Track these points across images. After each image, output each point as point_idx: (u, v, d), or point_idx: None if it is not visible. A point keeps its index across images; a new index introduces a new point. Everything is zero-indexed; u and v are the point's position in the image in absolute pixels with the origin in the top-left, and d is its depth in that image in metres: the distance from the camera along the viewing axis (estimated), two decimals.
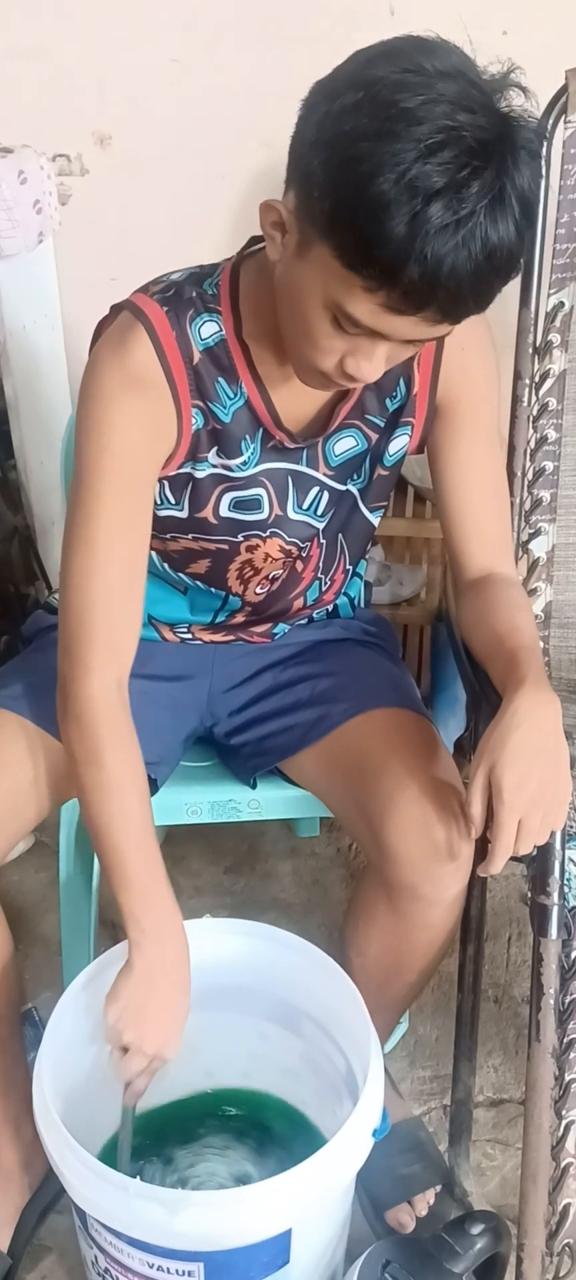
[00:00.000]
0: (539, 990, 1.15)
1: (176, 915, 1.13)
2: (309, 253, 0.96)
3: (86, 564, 1.10)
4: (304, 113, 0.96)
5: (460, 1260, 1.13)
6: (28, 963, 1.69)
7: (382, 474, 1.25)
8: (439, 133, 0.86)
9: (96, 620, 1.11)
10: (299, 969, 1.25)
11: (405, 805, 1.16)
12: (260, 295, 1.10)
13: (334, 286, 0.94)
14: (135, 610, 1.14)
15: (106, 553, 1.10)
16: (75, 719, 1.11)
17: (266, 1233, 1.03)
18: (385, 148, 0.86)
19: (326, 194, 0.91)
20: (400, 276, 0.89)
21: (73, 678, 1.11)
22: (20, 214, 1.69)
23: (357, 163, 0.87)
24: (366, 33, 1.68)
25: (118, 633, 1.13)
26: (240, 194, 1.83)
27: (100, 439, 1.09)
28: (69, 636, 1.12)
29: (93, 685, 1.11)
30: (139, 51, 1.73)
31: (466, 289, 0.91)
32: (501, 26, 1.70)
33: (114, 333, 1.11)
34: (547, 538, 1.51)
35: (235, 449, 1.17)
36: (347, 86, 0.90)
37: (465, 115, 0.87)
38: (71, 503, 1.12)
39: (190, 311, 1.11)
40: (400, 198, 0.86)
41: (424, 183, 0.85)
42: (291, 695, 1.34)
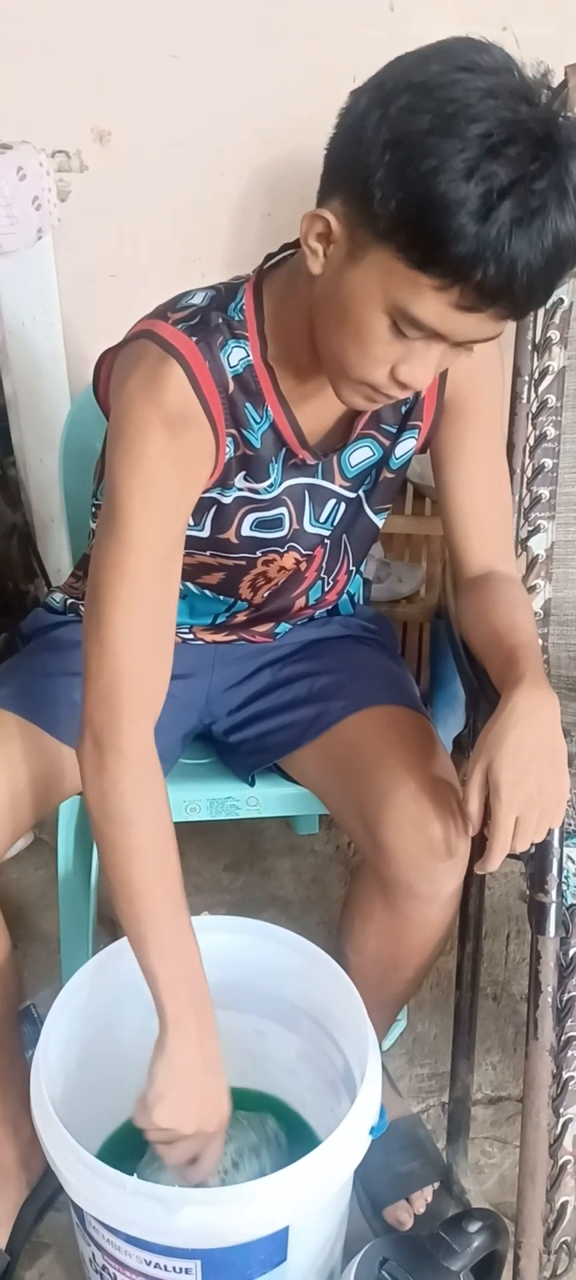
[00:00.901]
0: (537, 988, 1.15)
1: (204, 981, 1.09)
2: (364, 257, 0.95)
3: (128, 602, 1.05)
4: (348, 120, 0.95)
5: (457, 1258, 1.13)
6: (27, 960, 1.69)
7: (388, 477, 1.25)
8: (503, 126, 0.86)
9: (139, 665, 1.06)
10: (297, 967, 1.25)
11: (401, 802, 1.16)
12: (285, 315, 1.09)
13: (397, 288, 0.93)
14: (171, 650, 1.11)
15: (148, 589, 1.06)
16: (116, 775, 1.05)
17: (263, 1230, 1.03)
18: (451, 144, 0.86)
19: (391, 194, 0.90)
20: (474, 273, 0.89)
21: (114, 727, 1.05)
22: (19, 210, 1.68)
23: (424, 160, 0.87)
24: (366, 28, 1.71)
25: (157, 676, 1.09)
26: (240, 190, 1.82)
27: (141, 475, 1.05)
28: (108, 679, 1.05)
29: (137, 736, 1.06)
30: (138, 48, 1.73)
31: (538, 283, 0.91)
32: (501, 22, 1.70)
33: (144, 369, 1.06)
34: (547, 535, 1.51)
35: (263, 473, 1.16)
36: (403, 89, 0.89)
37: (526, 107, 0.87)
38: (107, 539, 1.06)
39: (219, 339, 1.08)
40: (472, 193, 0.86)
41: (495, 177, 0.86)
42: (290, 693, 1.34)
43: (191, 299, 1.12)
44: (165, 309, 1.12)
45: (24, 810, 1.23)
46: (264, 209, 1.83)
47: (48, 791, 1.24)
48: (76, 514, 1.55)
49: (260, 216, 1.83)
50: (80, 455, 1.52)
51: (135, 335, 1.11)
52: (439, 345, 0.97)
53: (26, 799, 1.22)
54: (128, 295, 1.84)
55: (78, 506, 1.54)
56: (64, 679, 1.25)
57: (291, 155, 1.79)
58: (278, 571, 1.26)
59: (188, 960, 1.08)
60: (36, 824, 1.30)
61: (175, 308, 1.11)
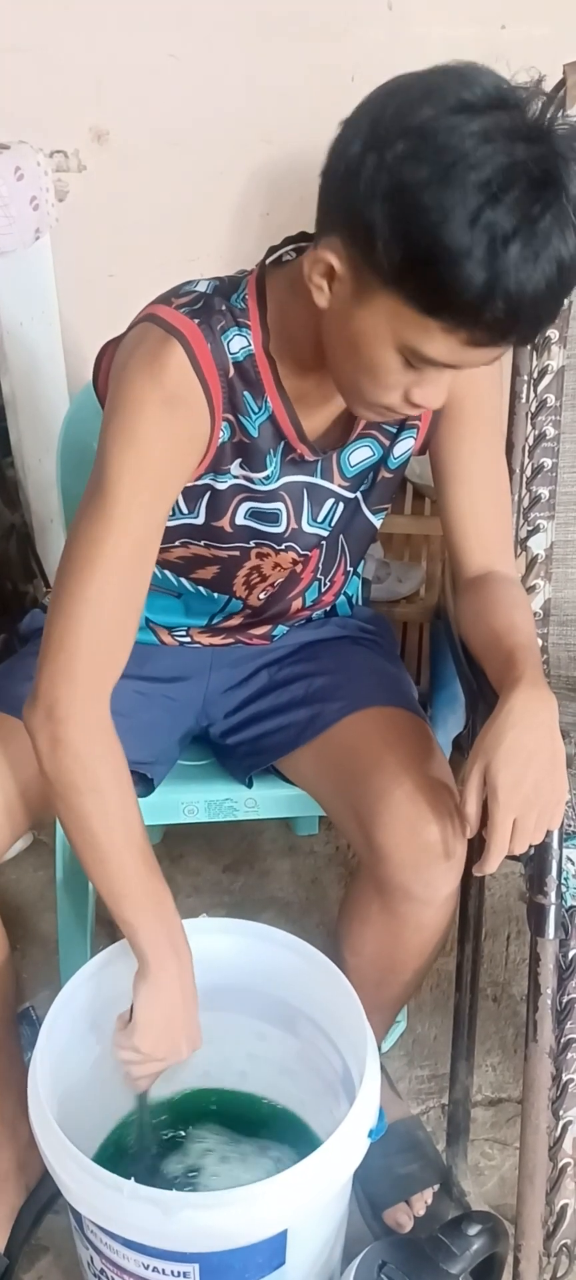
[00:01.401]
0: (536, 990, 1.15)
1: (179, 920, 1.15)
2: (372, 300, 0.96)
3: (102, 581, 1.06)
4: (341, 161, 0.95)
5: (457, 1261, 1.12)
6: (26, 961, 1.69)
7: (386, 476, 1.25)
8: (502, 171, 0.87)
9: (103, 642, 1.07)
10: (296, 969, 1.25)
11: (396, 805, 1.15)
12: (288, 313, 1.10)
13: (407, 331, 0.95)
14: (135, 630, 1.12)
15: (123, 572, 1.07)
16: (74, 746, 1.06)
17: (262, 1234, 1.03)
18: (452, 195, 0.87)
19: (394, 246, 0.91)
20: (482, 315, 0.91)
21: (71, 702, 1.06)
22: (17, 210, 1.68)
23: (426, 213, 0.88)
24: (364, 27, 1.71)
25: (119, 655, 1.10)
26: (238, 190, 1.82)
27: (133, 456, 1.05)
28: (69, 655, 1.06)
29: (94, 709, 1.07)
30: (137, 47, 1.72)
31: (545, 312, 0.94)
32: (499, 21, 1.69)
33: (146, 349, 1.06)
34: (546, 534, 1.51)
35: (260, 463, 1.16)
36: (398, 134, 0.90)
37: (523, 146, 0.88)
38: (90, 512, 1.07)
39: (221, 323, 1.09)
40: (477, 242, 0.87)
41: (498, 225, 0.87)
42: (286, 694, 1.34)
43: (195, 286, 1.13)
44: (168, 295, 1.12)
45: (23, 812, 1.23)
46: (262, 208, 1.82)
47: (45, 795, 1.23)
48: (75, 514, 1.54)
49: (259, 216, 1.83)
50: (78, 455, 1.52)
51: (138, 320, 1.12)
52: (450, 370, 1.00)
53: (26, 801, 1.22)
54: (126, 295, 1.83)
55: (75, 507, 1.52)
56: None
57: (290, 154, 1.79)
58: (272, 569, 1.26)
59: (161, 906, 1.12)
60: (35, 825, 1.29)
61: (178, 293, 1.12)
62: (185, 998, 1.14)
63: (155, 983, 1.11)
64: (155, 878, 1.12)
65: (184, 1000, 1.14)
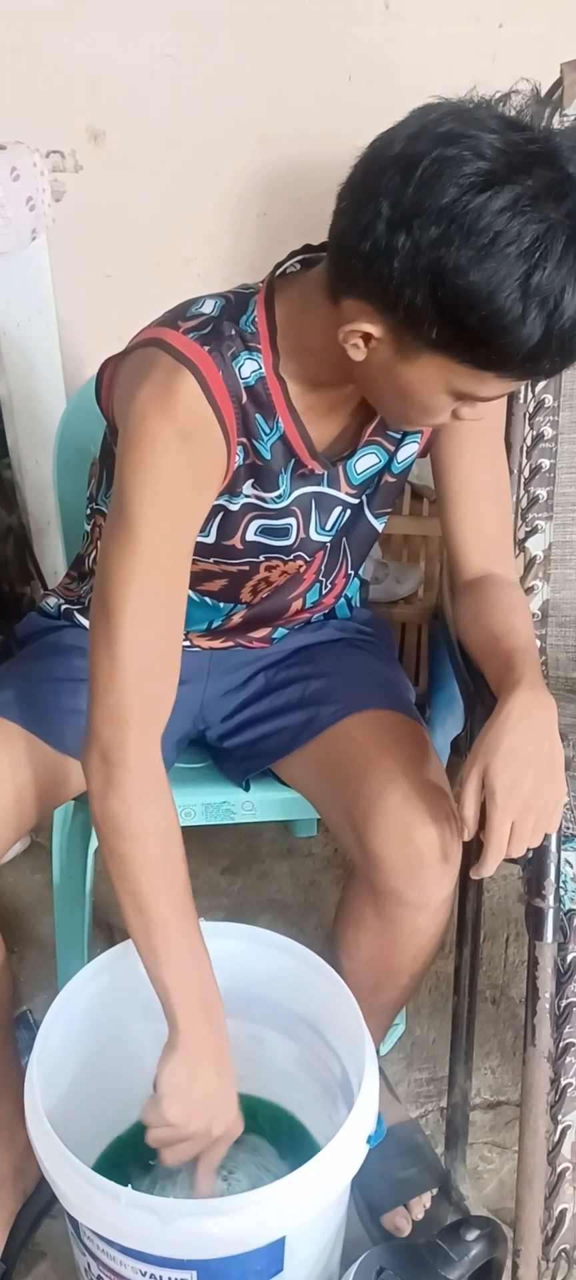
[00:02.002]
0: (534, 994, 1.14)
1: (216, 985, 1.10)
2: (418, 359, 0.98)
3: (139, 616, 1.04)
4: (364, 235, 0.93)
5: (455, 1267, 1.12)
6: (23, 965, 1.69)
7: (390, 481, 1.25)
8: (539, 237, 0.88)
9: (149, 678, 1.06)
10: (294, 973, 1.24)
11: (389, 810, 1.15)
12: (299, 331, 1.10)
13: (459, 380, 0.98)
14: (179, 662, 1.10)
15: (159, 603, 1.06)
16: (126, 791, 1.05)
17: (260, 1241, 1.02)
18: (498, 271, 0.89)
19: (443, 323, 0.93)
20: (541, 364, 0.95)
21: (123, 744, 1.05)
22: (13, 211, 1.67)
23: (472, 292, 0.90)
24: (362, 27, 1.70)
25: (165, 692, 1.08)
26: (235, 190, 1.82)
27: (153, 489, 1.04)
28: (117, 696, 1.05)
29: (146, 752, 1.06)
30: (133, 47, 1.72)
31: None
32: (497, 20, 1.69)
33: (156, 380, 1.05)
34: (544, 535, 1.50)
35: (272, 483, 1.16)
36: (424, 217, 0.90)
37: (552, 206, 0.89)
38: (116, 550, 1.05)
39: (232, 350, 1.08)
40: (530, 306, 0.90)
41: (548, 285, 0.89)
42: (283, 697, 1.33)
43: (201, 307, 1.11)
44: (174, 317, 1.10)
45: (21, 816, 1.22)
46: (259, 208, 1.82)
47: (42, 800, 1.23)
48: (72, 516, 1.54)
49: (256, 216, 1.82)
50: (75, 457, 1.52)
51: (143, 343, 1.10)
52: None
53: (20, 808, 1.21)
54: (123, 295, 1.84)
55: (73, 508, 1.53)
56: (68, 684, 1.25)
57: (287, 154, 1.79)
58: (280, 576, 1.26)
59: (198, 968, 1.08)
60: (33, 829, 1.29)
61: (185, 316, 1.10)
62: (218, 1065, 1.07)
63: (184, 1049, 1.05)
64: (193, 936, 1.08)
65: (216, 1068, 1.07)
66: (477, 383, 0.98)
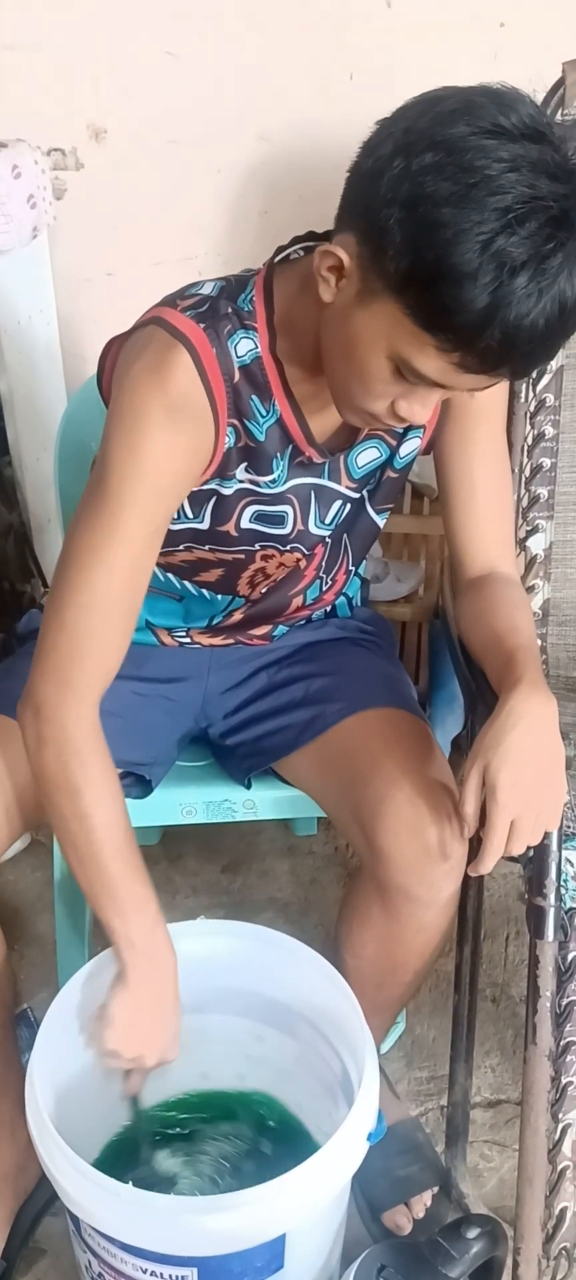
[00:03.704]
0: (535, 993, 1.14)
1: (164, 927, 1.13)
2: (373, 304, 0.96)
3: (96, 587, 1.06)
4: (370, 159, 0.94)
5: (456, 1265, 1.12)
6: (23, 963, 1.69)
7: (392, 476, 1.25)
8: (522, 202, 0.87)
9: (95, 646, 1.07)
10: (294, 971, 1.24)
11: (397, 807, 1.15)
12: (297, 311, 1.09)
13: (401, 341, 0.96)
14: (130, 635, 1.11)
15: (119, 578, 1.07)
16: (58, 746, 1.07)
17: (260, 1238, 1.03)
18: (469, 215, 0.87)
19: (402, 254, 0.91)
20: (478, 341, 0.92)
21: (58, 702, 1.07)
22: (14, 209, 1.67)
23: (440, 228, 0.88)
24: (363, 24, 1.70)
25: (111, 660, 1.09)
26: (236, 187, 1.81)
27: (135, 463, 1.05)
28: (60, 657, 1.07)
29: (82, 712, 1.07)
30: (134, 44, 1.72)
31: (540, 350, 0.94)
32: (498, 19, 1.69)
33: (151, 354, 1.06)
34: (545, 534, 1.50)
35: (267, 467, 1.16)
36: (426, 144, 0.90)
37: (546, 182, 0.88)
38: (89, 516, 1.07)
39: (228, 327, 1.08)
40: (485, 267, 0.88)
41: (509, 254, 0.88)
42: (286, 695, 1.33)
43: (200, 288, 1.12)
44: (174, 297, 1.12)
45: (21, 813, 1.22)
46: (261, 206, 1.82)
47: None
48: (72, 514, 1.54)
49: (257, 214, 1.82)
50: (76, 454, 1.52)
51: (144, 323, 1.11)
52: (438, 390, 1.00)
53: (24, 802, 1.22)
54: (124, 293, 1.83)
55: (74, 506, 1.50)
56: None
57: (288, 152, 1.78)
58: (277, 568, 1.25)
59: (143, 913, 1.11)
60: (33, 826, 1.29)
61: (184, 295, 1.11)
62: (158, 1005, 1.13)
63: (126, 986, 1.10)
64: (136, 882, 1.10)
65: (155, 1008, 1.13)
66: (417, 348, 0.95)
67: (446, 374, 0.96)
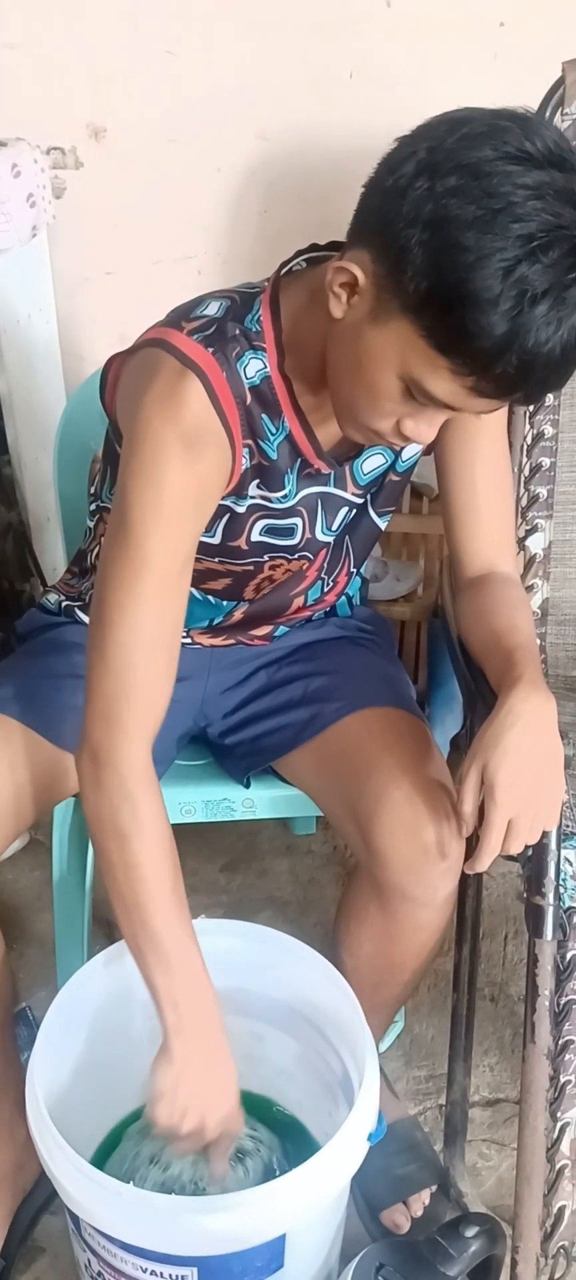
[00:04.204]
0: (534, 991, 1.14)
1: (212, 990, 1.10)
2: (387, 322, 0.96)
3: (133, 622, 1.05)
4: (391, 177, 0.94)
5: (454, 1263, 1.12)
6: (22, 962, 1.69)
7: (394, 479, 1.25)
8: (546, 230, 0.87)
9: (140, 682, 1.06)
10: (294, 970, 1.25)
11: (394, 806, 1.15)
12: (303, 327, 1.09)
13: (415, 362, 0.96)
14: (174, 669, 1.10)
15: (154, 611, 1.06)
16: (111, 792, 1.06)
17: (261, 1238, 1.03)
18: (491, 240, 0.87)
19: (422, 275, 0.91)
20: (495, 367, 0.92)
21: (111, 745, 1.05)
22: (13, 208, 1.67)
23: (462, 252, 0.88)
24: (363, 24, 1.70)
25: (157, 696, 1.08)
26: (235, 187, 1.81)
27: (155, 496, 1.04)
28: (107, 699, 1.06)
29: (133, 755, 1.06)
30: (133, 43, 1.72)
31: (555, 377, 0.95)
32: (498, 18, 1.69)
33: (162, 384, 1.05)
34: (544, 534, 1.50)
35: (278, 483, 1.16)
36: (451, 167, 0.89)
37: (570, 211, 0.89)
38: (116, 554, 1.06)
39: (236, 349, 1.08)
40: (506, 294, 0.88)
41: (531, 282, 0.88)
42: (285, 694, 1.33)
43: (206, 309, 1.11)
44: (178, 318, 1.10)
45: (21, 813, 1.22)
46: (260, 206, 1.82)
47: (41, 796, 1.23)
48: (72, 513, 1.54)
49: (257, 213, 1.82)
50: (75, 454, 1.52)
51: (148, 343, 1.10)
52: (447, 411, 1.00)
53: (20, 804, 1.21)
54: (123, 293, 1.84)
55: (73, 505, 1.53)
56: (68, 681, 1.25)
57: (288, 152, 1.78)
58: (283, 575, 1.26)
59: (187, 970, 1.08)
60: (32, 826, 1.29)
61: (189, 317, 1.10)
62: (209, 1066, 1.08)
63: (171, 1052, 1.06)
64: (181, 937, 1.07)
65: (207, 1069, 1.08)
66: (431, 370, 0.95)
67: (458, 397, 0.96)
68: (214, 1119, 1.08)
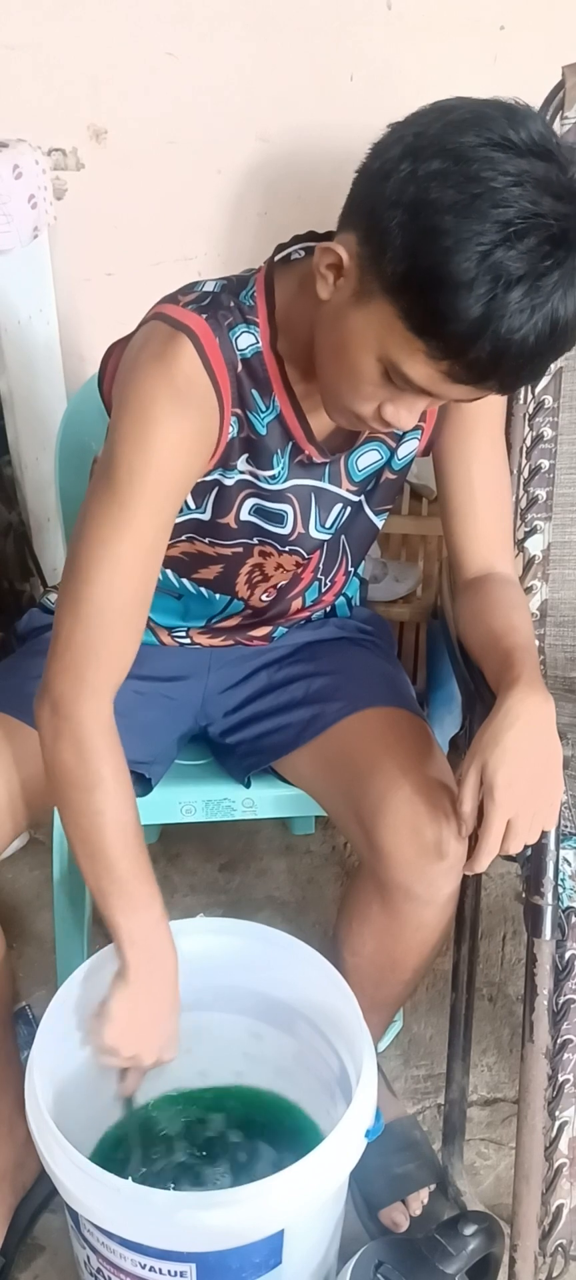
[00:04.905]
0: (532, 991, 1.15)
1: (167, 927, 1.15)
2: (369, 304, 0.97)
3: (109, 580, 1.06)
4: (378, 161, 0.95)
5: (453, 1261, 1.12)
6: (22, 960, 1.69)
7: (390, 478, 1.26)
8: (524, 218, 0.88)
9: (110, 640, 1.08)
10: (292, 969, 1.25)
11: (397, 805, 1.15)
12: (296, 310, 1.10)
13: (392, 344, 0.96)
14: (142, 628, 1.12)
15: (130, 572, 1.07)
16: (75, 742, 1.08)
17: (259, 1234, 1.03)
18: (469, 225, 0.88)
19: (401, 257, 0.92)
20: (468, 351, 0.92)
21: (75, 698, 1.07)
22: (15, 208, 1.68)
23: (439, 235, 0.89)
24: (363, 26, 1.71)
25: (126, 654, 1.10)
26: (236, 188, 1.82)
27: (143, 455, 1.05)
28: (76, 652, 1.07)
29: (98, 708, 1.08)
30: (134, 45, 1.72)
31: (528, 366, 0.95)
32: (498, 22, 1.70)
33: (154, 345, 1.06)
34: (543, 535, 1.51)
35: (267, 461, 1.16)
36: (435, 151, 0.90)
37: (549, 200, 0.89)
38: (98, 510, 1.07)
39: (229, 319, 1.09)
40: (481, 278, 0.88)
41: (506, 268, 0.88)
42: (286, 694, 1.34)
43: (202, 286, 1.13)
44: (176, 294, 1.12)
45: (21, 811, 1.23)
46: (260, 207, 1.82)
47: (42, 795, 1.23)
48: (72, 513, 1.53)
49: (257, 215, 1.83)
50: (76, 454, 1.52)
51: (145, 320, 1.12)
52: (425, 397, 1.01)
53: (24, 799, 1.22)
54: (124, 294, 1.84)
55: (73, 506, 1.52)
56: None
57: (288, 154, 1.79)
58: (275, 569, 1.26)
59: (148, 912, 1.12)
60: (33, 824, 1.29)
61: (185, 292, 1.12)
62: (157, 1004, 1.14)
63: (127, 983, 1.12)
64: (142, 882, 1.12)
65: (154, 1008, 1.14)
66: (407, 353, 0.95)
67: (434, 381, 0.97)
68: (151, 1052, 1.14)
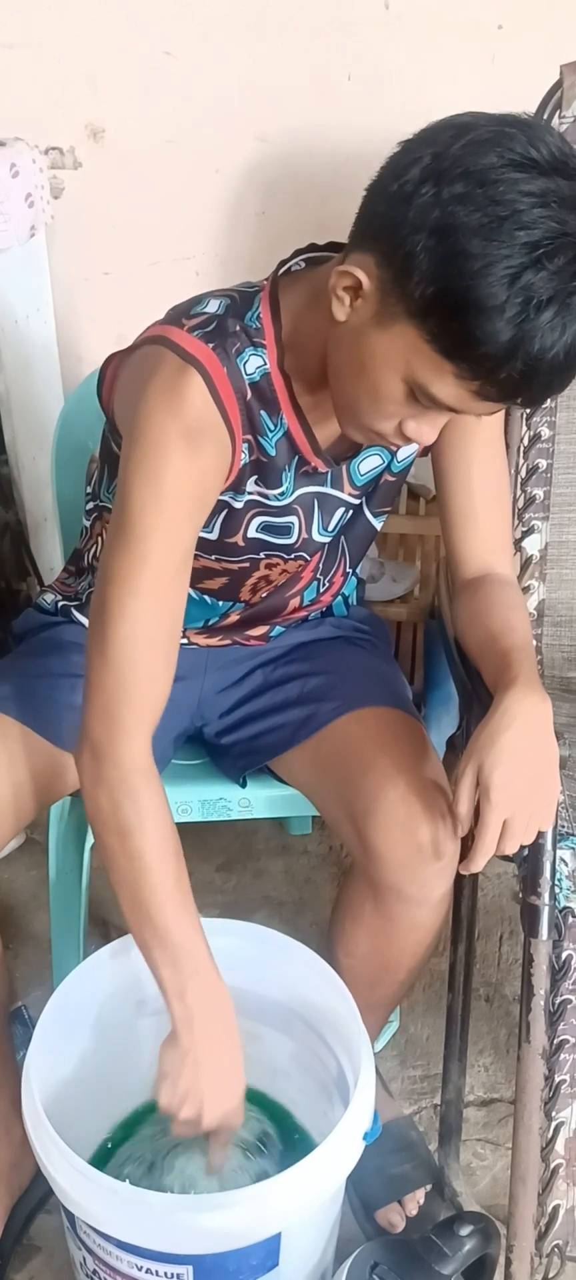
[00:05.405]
0: (529, 991, 1.15)
1: (220, 982, 1.10)
2: (392, 326, 0.97)
3: (132, 618, 1.05)
4: (395, 182, 0.94)
5: (449, 1262, 1.12)
6: (18, 961, 1.69)
7: (390, 480, 1.26)
8: (551, 238, 0.88)
9: (140, 678, 1.06)
10: (290, 970, 1.25)
11: (389, 805, 1.15)
12: (305, 327, 1.10)
13: (419, 366, 0.96)
14: (174, 663, 1.10)
15: (153, 607, 1.06)
16: (112, 786, 1.06)
17: (256, 1236, 1.03)
18: (497, 248, 0.88)
19: (428, 281, 0.92)
20: (500, 372, 0.92)
21: (110, 740, 1.06)
22: (12, 207, 1.67)
23: (468, 259, 0.89)
24: (361, 26, 1.71)
25: (158, 689, 1.09)
26: (234, 188, 1.82)
27: (155, 490, 1.04)
28: (107, 694, 1.06)
29: (134, 750, 1.07)
30: (132, 44, 1.72)
31: (558, 382, 0.95)
32: (497, 21, 1.70)
33: (163, 379, 1.05)
34: (541, 535, 1.51)
35: (276, 480, 1.16)
36: (457, 174, 0.90)
37: (575, 218, 0.89)
38: (116, 550, 1.06)
39: (236, 345, 1.08)
40: (512, 301, 0.89)
41: (536, 289, 0.89)
42: (281, 694, 1.34)
43: (206, 306, 1.11)
44: (179, 315, 1.11)
45: (18, 812, 1.22)
46: (258, 207, 1.82)
47: (38, 795, 1.23)
48: (69, 512, 1.54)
49: (254, 214, 1.83)
50: (73, 453, 1.52)
51: (147, 341, 1.10)
52: (449, 413, 1.01)
53: (16, 803, 1.21)
54: (121, 293, 1.85)
55: (70, 505, 1.53)
56: (65, 680, 1.25)
57: (286, 153, 1.79)
58: (280, 575, 1.26)
59: (194, 959, 1.08)
60: (29, 824, 1.29)
61: (189, 314, 1.10)
62: (214, 1061, 1.08)
63: (177, 1041, 1.08)
64: (187, 928, 1.08)
65: (211, 1064, 1.08)
66: (435, 374, 0.96)
67: (462, 400, 0.97)
68: (212, 1110, 1.09)
